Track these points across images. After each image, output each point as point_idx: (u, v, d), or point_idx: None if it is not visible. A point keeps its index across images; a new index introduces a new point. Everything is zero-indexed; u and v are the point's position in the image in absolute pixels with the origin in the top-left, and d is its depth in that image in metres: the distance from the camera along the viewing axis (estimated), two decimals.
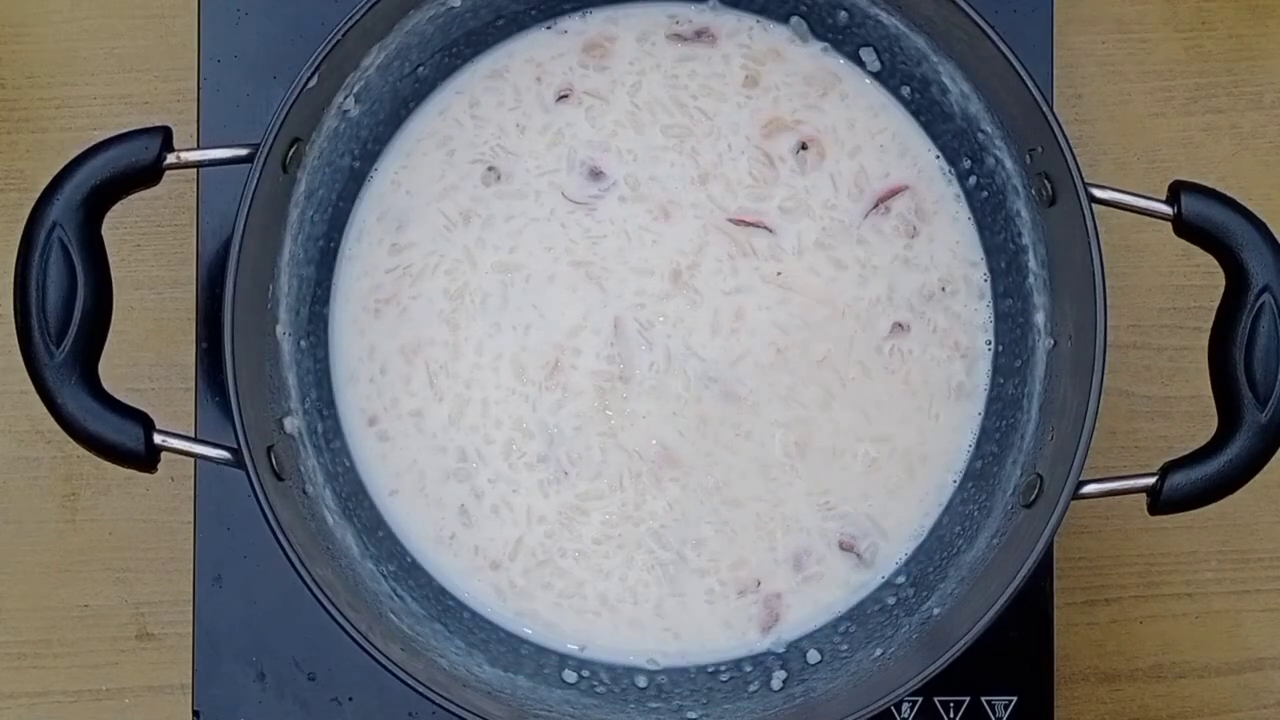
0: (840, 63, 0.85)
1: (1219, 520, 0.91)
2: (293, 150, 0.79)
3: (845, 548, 0.84)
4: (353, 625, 0.75)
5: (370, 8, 0.77)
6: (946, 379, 0.85)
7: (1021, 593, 0.76)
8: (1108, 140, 0.92)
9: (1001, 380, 0.84)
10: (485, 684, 0.80)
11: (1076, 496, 0.76)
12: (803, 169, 0.85)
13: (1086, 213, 0.76)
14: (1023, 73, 0.77)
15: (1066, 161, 0.77)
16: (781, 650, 0.84)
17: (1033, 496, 0.79)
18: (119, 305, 0.77)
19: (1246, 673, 0.91)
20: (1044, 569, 0.87)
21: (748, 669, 0.83)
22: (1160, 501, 0.77)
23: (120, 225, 0.89)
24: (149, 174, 0.76)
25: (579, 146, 0.85)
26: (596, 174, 0.85)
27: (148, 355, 0.90)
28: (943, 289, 0.85)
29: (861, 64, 0.85)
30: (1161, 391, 0.91)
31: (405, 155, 0.85)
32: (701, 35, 0.86)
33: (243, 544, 0.87)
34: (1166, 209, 0.77)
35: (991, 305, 0.85)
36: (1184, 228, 0.77)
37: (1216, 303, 0.78)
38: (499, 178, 0.85)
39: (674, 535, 0.84)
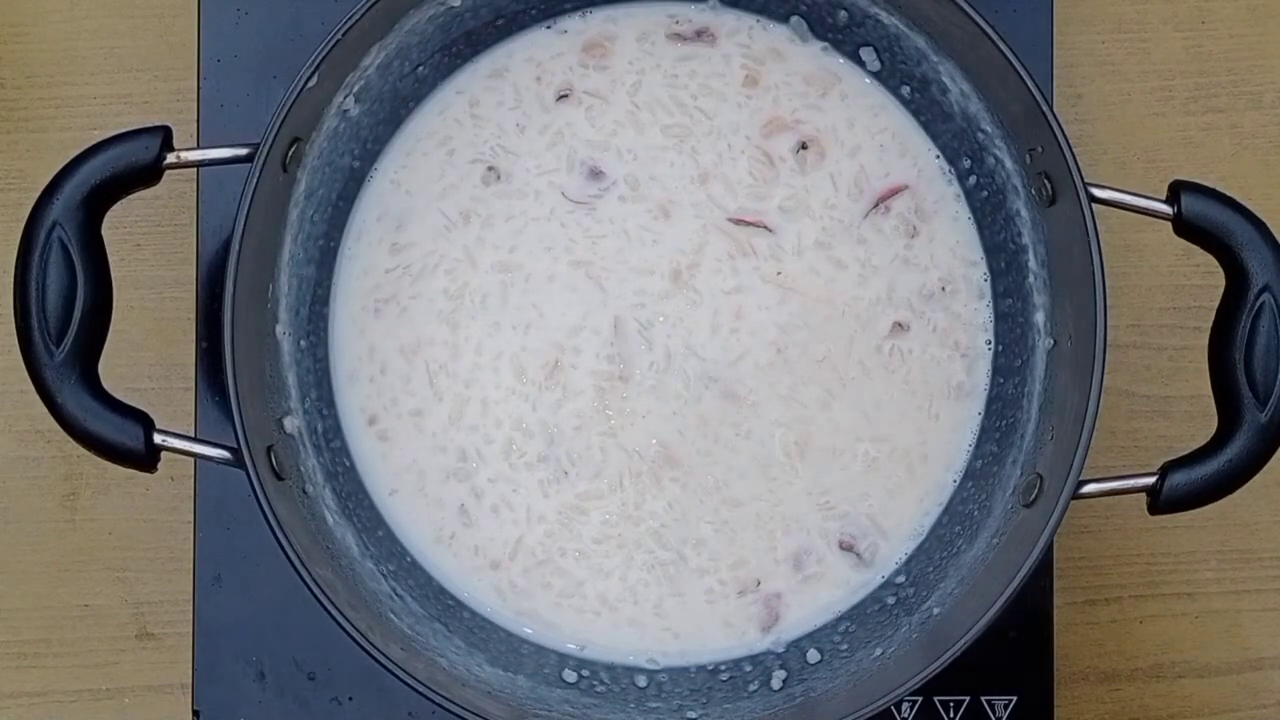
0: (840, 62, 0.86)
1: (1219, 520, 0.91)
2: (293, 150, 0.79)
3: (845, 547, 0.84)
4: (353, 625, 0.75)
5: (370, 8, 0.77)
6: (946, 379, 0.85)
7: (1021, 593, 0.76)
8: (1108, 140, 0.92)
9: (1001, 380, 0.84)
10: (485, 684, 0.80)
11: (1076, 496, 0.76)
12: (803, 169, 0.85)
13: (1086, 212, 0.76)
14: (1023, 73, 0.77)
15: (1066, 161, 0.77)
16: (781, 650, 0.84)
17: (1033, 496, 0.79)
18: (119, 305, 0.77)
19: (1246, 673, 0.91)
20: (1044, 569, 0.87)
21: (748, 668, 0.83)
22: (1160, 501, 0.77)
23: (120, 225, 0.89)
24: (149, 174, 0.76)
25: (579, 146, 0.85)
26: (596, 174, 0.85)
27: (148, 355, 0.90)
28: (943, 289, 0.85)
29: (861, 64, 0.85)
30: (1161, 391, 0.91)
31: (405, 155, 0.85)
32: (701, 35, 0.86)
33: (243, 544, 0.87)
34: (1166, 209, 0.77)
35: (991, 305, 0.85)
36: (1184, 227, 0.77)
37: (1216, 303, 0.78)
38: (499, 177, 0.85)
39: (674, 535, 0.84)
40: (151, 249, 0.91)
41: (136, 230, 0.90)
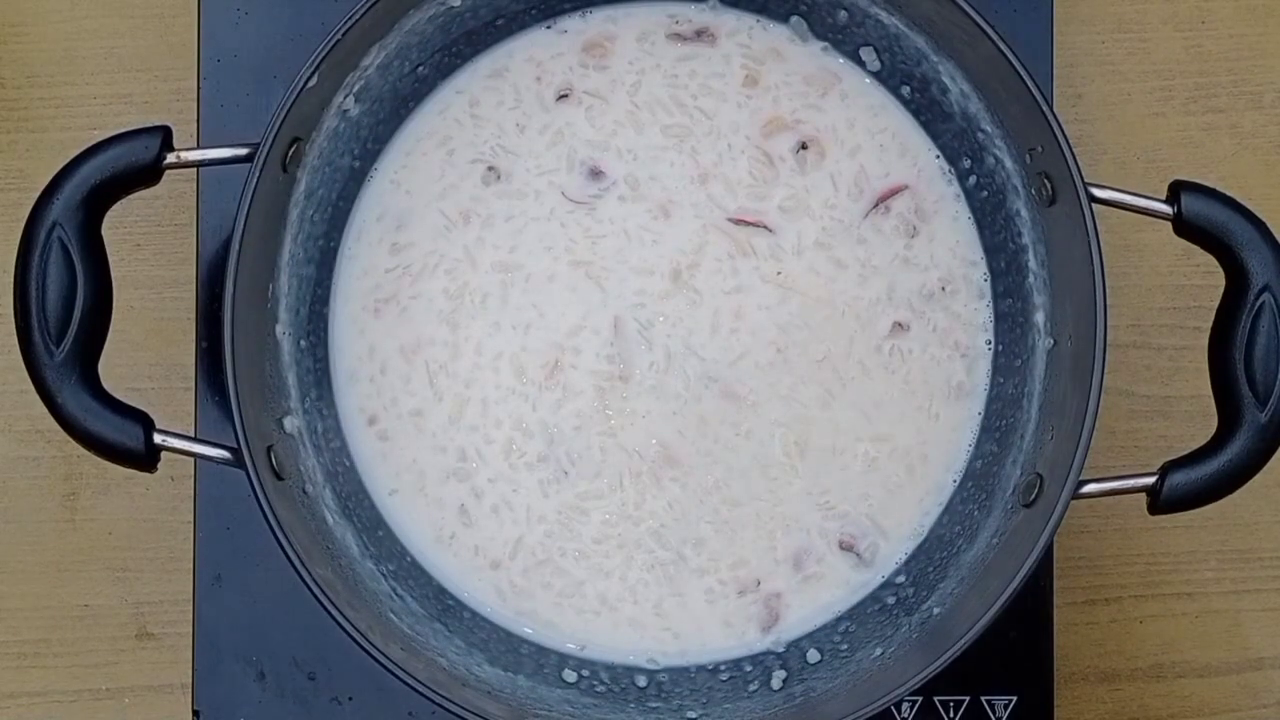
0: (840, 62, 0.86)
1: (1219, 520, 0.91)
2: (293, 150, 0.79)
3: (845, 547, 0.84)
4: (353, 625, 0.75)
5: (370, 8, 0.77)
6: (946, 378, 0.85)
7: (1021, 593, 0.76)
8: (1108, 140, 0.92)
9: (1001, 380, 0.84)
10: (485, 684, 0.80)
11: (1076, 496, 0.76)
12: (803, 168, 0.85)
13: (1086, 212, 0.76)
14: (1023, 73, 0.77)
15: (1066, 161, 0.77)
16: (781, 650, 0.84)
17: (1033, 496, 0.79)
18: (119, 305, 0.77)
19: (1246, 673, 0.91)
20: (1044, 569, 0.87)
21: (748, 668, 0.83)
22: (1160, 501, 0.77)
23: (120, 225, 0.89)
24: (149, 174, 0.76)
25: (579, 146, 0.85)
26: (596, 174, 0.85)
27: (148, 355, 0.90)
28: (943, 288, 0.85)
29: (861, 63, 0.85)
30: (1161, 391, 0.91)
31: (405, 155, 0.85)
32: (701, 35, 0.86)
33: (243, 544, 0.87)
34: (1166, 208, 0.77)
35: (991, 305, 0.85)
36: (1184, 227, 0.77)
37: (1216, 303, 0.78)
38: (499, 177, 0.85)
39: (674, 535, 0.84)
40: (151, 249, 0.91)
41: (136, 230, 0.90)
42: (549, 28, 0.86)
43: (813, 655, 0.83)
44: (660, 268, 0.84)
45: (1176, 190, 0.77)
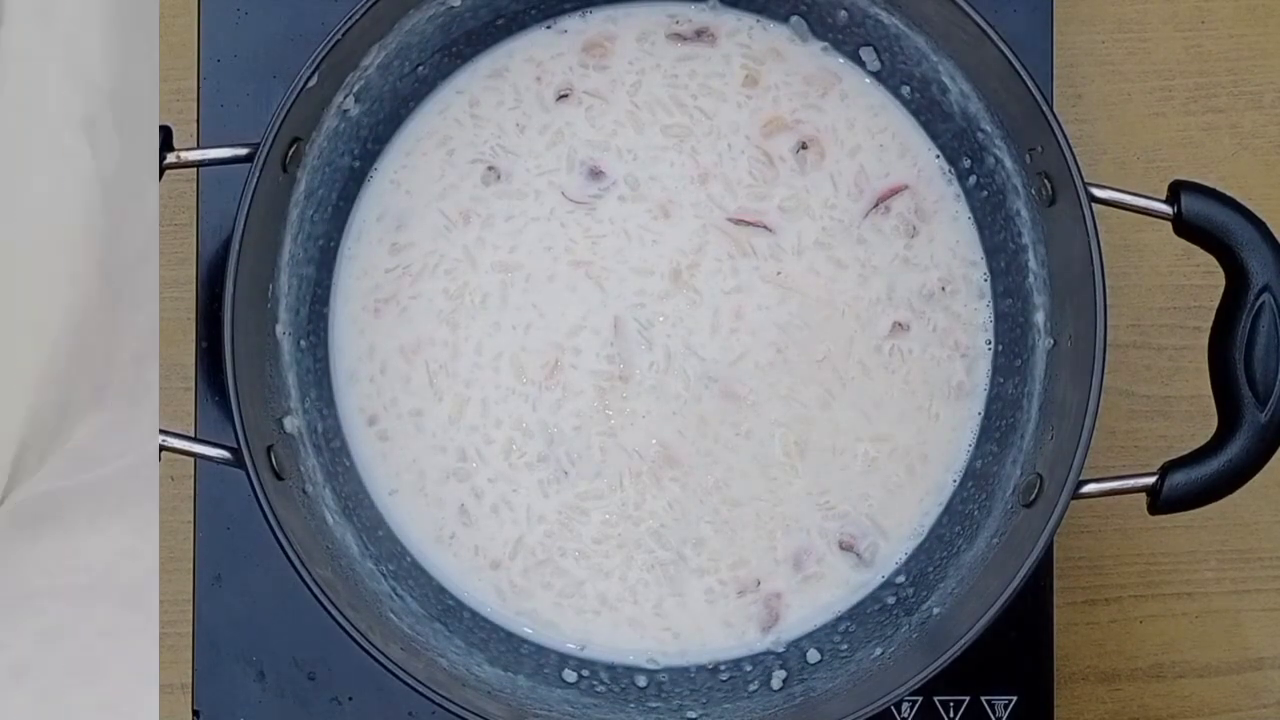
0: (840, 62, 0.86)
1: (1219, 520, 0.91)
2: (293, 150, 0.79)
3: (845, 547, 0.84)
4: (353, 625, 0.75)
5: (370, 7, 0.77)
6: (946, 378, 0.85)
7: (1021, 592, 0.76)
8: (1108, 140, 0.92)
9: (1001, 380, 0.84)
10: (485, 683, 0.80)
11: (1076, 496, 0.76)
12: (802, 168, 0.85)
13: (1086, 212, 0.76)
14: (1023, 73, 0.77)
15: (1066, 161, 0.77)
16: (781, 650, 0.84)
17: (1033, 496, 0.79)
18: None
19: (1246, 673, 0.91)
20: (1044, 569, 0.87)
21: (748, 668, 0.83)
22: (1160, 501, 0.77)
23: None
24: None
25: (579, 146, 0.85)
26: (596, 173, 0.85)
27: None
28: (943, 288, 0.85)
29: (861, 63, 0.85)
30: (1161, 391, 0.91)
31: (405, 155, 0.85)
32: (701, 35, 0.86)
33: (243, 544, 0.87)
34: (1166, 208, 0.77)
35: (991, 305, 0.85)
36: (1184, 227, 0.77)
37: (1216, 302, 0.78)
38: (499, 177, 0.85)
39: (674, 535, 0.84)
40: None
41: None
42: (549, 28, 0.86)
43: (813, 655, 0.83)
44: (660, 268, 0.84)
45: (1176, 190, 0.77)
